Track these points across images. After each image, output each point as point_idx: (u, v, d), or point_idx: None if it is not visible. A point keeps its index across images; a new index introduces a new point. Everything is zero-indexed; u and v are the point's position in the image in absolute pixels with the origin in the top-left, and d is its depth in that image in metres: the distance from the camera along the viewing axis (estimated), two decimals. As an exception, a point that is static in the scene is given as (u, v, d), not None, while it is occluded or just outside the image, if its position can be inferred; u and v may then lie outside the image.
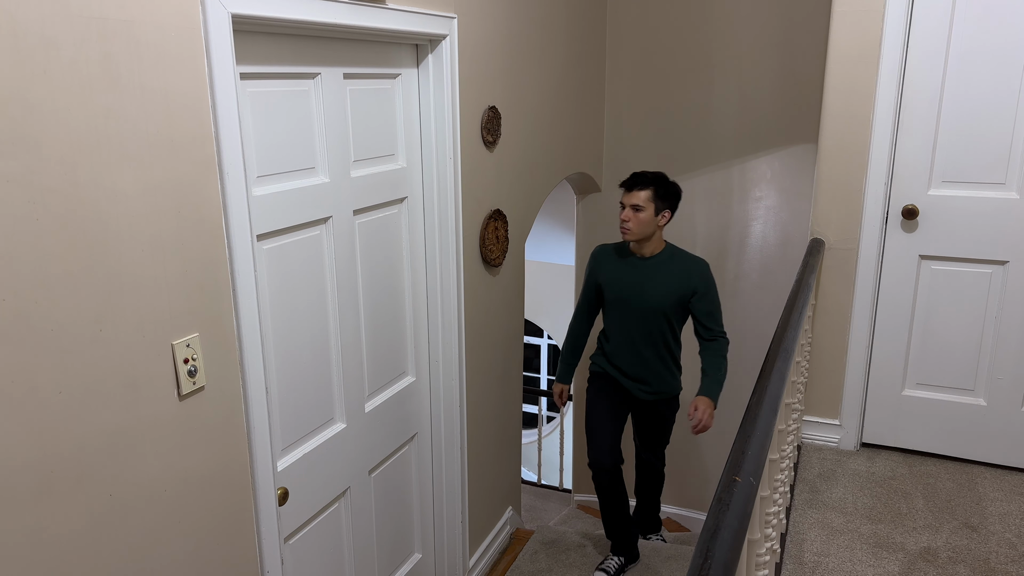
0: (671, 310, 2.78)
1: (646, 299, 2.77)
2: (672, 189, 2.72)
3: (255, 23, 1.72)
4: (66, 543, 1.38)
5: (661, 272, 2.77)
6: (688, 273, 2.75)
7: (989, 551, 2.41)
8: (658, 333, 2.83)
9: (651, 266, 2.78)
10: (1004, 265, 2.76)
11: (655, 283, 2.76)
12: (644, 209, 2.67)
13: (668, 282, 2.76)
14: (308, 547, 2.18)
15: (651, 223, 2.70)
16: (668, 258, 2.79)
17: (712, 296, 2.79)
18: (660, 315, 2.78)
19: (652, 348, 2.85)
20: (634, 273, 2.80)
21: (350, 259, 2.23)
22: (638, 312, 2.79)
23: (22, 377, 1.28)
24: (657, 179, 2.70)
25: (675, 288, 2.75)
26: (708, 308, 2.79)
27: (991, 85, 2.64)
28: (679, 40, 3.86)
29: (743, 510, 1.21)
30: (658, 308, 2.76)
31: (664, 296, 2.76)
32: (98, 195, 1.37)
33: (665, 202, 2.71)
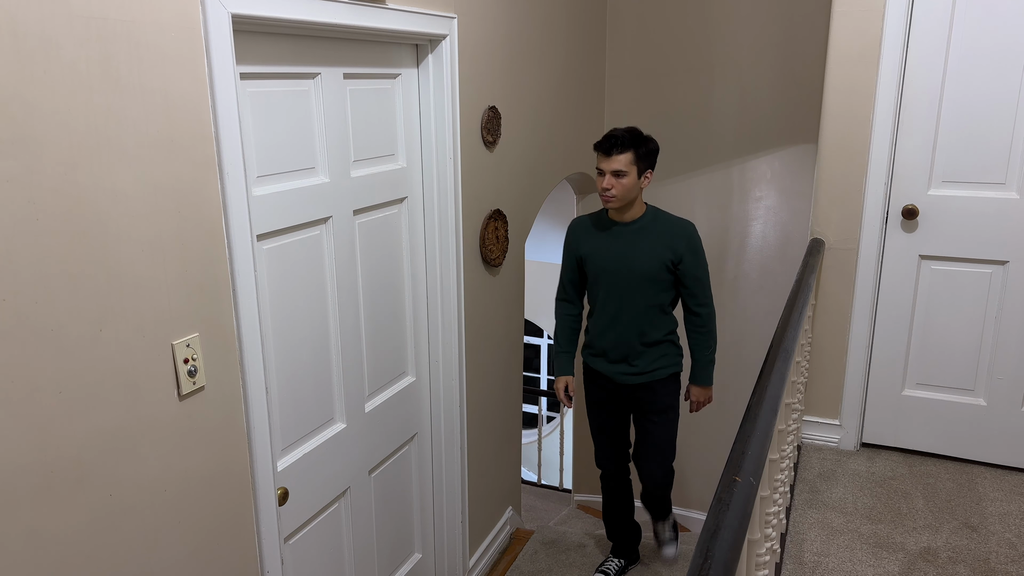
0: (658, 277, 2.59)
1: (632, 267, 2.58)
2: (652, 146, 2.54)
3: (255, 23, 1.72)
4: (66, 543, 1.38)
5: (645, 236, 2.58)
6: (674, 235, 2.58)
7: (989, 551, 2.41)
8: (644, 306, 2.63)
9: (634, 231, 2.59)
10: (1004, 265, 2.76)
11: (639, 249, 2.57)
12: (627, 173, 2.47)
13: (654, 247, 2.57)
14: (308, 547, 2.18)
15: (635, 187, 2.51)
16: (651, 221, 2.60)
17: (700, 260, 2.61)
18: (647, 283, 2.59)
19: (639, 323, 2.65)
20: (617, 242, 2.60)
21: (350, 259, 2.23)
22: (624, 283, 2.60)
23: (22, 377, 1.28)
24: (635, 138, 2.49)
25: (661, 252, 2.57)
26: (695, 272, 2.61)
27: (991, 85, 2.64)
28: (679, 40, 3.86)
29: (743, 510, 1.21)
30: (644, 275, 2.57)
31: (650, 261, 2.57)
32: (98, 195, 1.37)
33: (646, 161, 2.53)
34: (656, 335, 2.67)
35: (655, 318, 2.65)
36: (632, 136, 2.48)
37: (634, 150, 2.47)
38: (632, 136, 2.48)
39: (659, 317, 2.66)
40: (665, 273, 2.58)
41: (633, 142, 2.48)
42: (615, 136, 2.47)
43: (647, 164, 2.53)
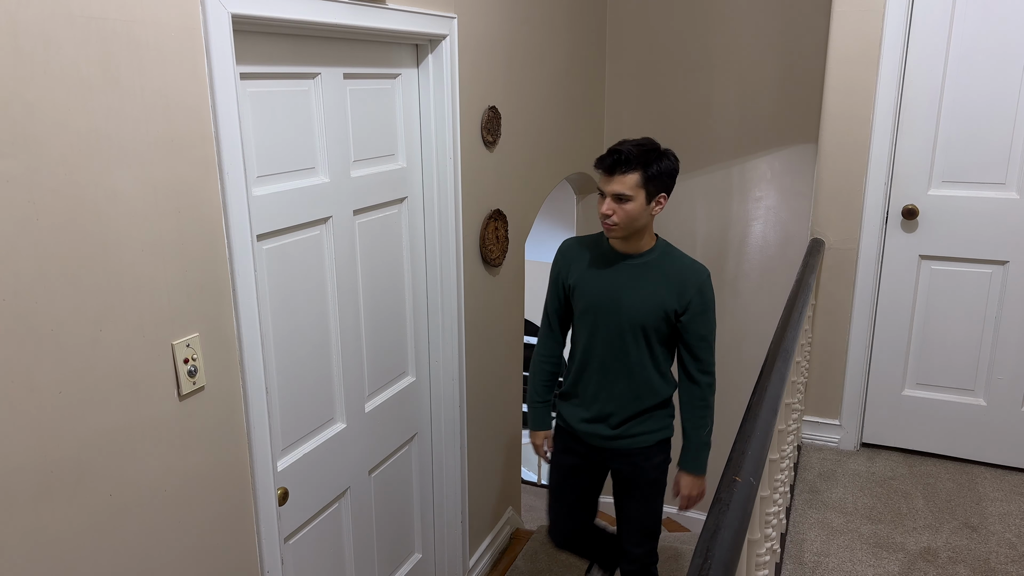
0: (655, 328, 2.10)
1: (624, 309, 2.09)
2: (666, 165, 2.00)
3: (255, 23, 1.72)
4: (66, 543, 1.38)
5: (648, 275, 2.09)
6: (684, 280, 2.08)
7: (989, 551, 2.41)
8: (638, 361, 2.13)
9: (636, 267, 2.10)
10: (1004, 265, 2.76)
11: (639, 289, 2.09)
12: (632, 198, 1.98)
13: (657, 290, 2.08)
14: (308, 547, 2.18)
15: (642, 214, 2.01)
16: (660, 257, 2.11)
17: (710, 316, 2.12)
18: (639, 333, 2.10)
19: (631, 382, 2.16)
20: (613, 276, 2.12)
21: (350, 259, 2.23)
22: (614, 327, 2.12)
23: (22, 377, 1.28)
24: (646, 155, 1.97)
25: (664, 298, 2.08)
26: (702, 332, 2.11)
27: (991, 85, 2.64)
28: (679, 40, 3.86)
29: (743, 510, 1.21)
30: (638, 323, 2.09)
31: (648, 306, 2.08)
32: (98, 195, 1.37)
33: (659, 184, 2.00)
34: (650, 400, 2.18)
35: (652, 379, 2.16)
36: (642, 152, 1.97)
37: (643, 170, 1.97)
38: (642, 152, 1.97)
39: (656, 379, 2.17)
40: (663, 324, 2.10)
41: (642, 160, 1.97)
42: (619, 152, 1.97)
43: (660, 187, 2.01)
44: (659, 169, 1.99)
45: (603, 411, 2.20)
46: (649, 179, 1.98)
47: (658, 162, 1.99)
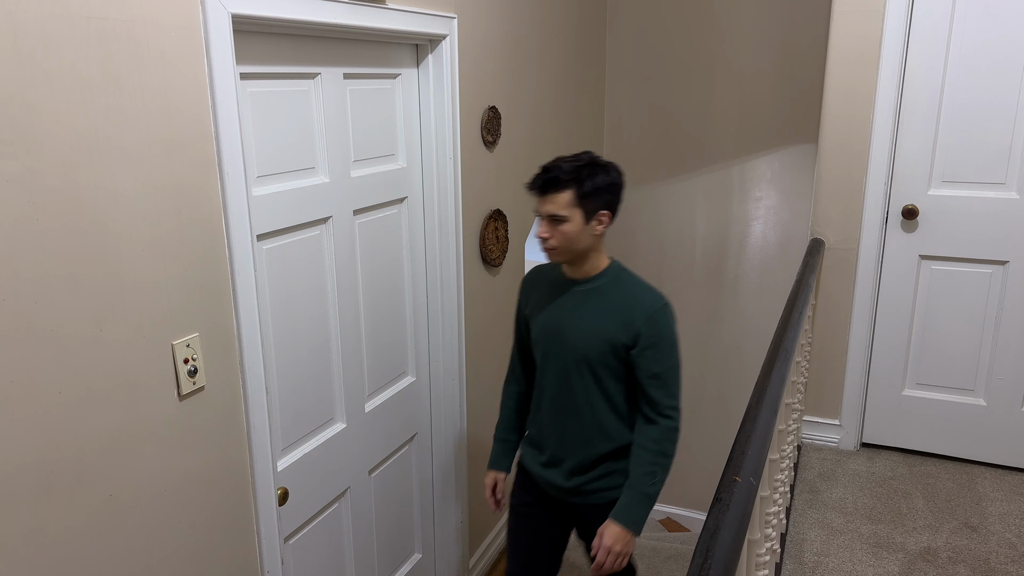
0: (602, 362, 1.89)
1: (566, 341, 1.91)
2: (603, 179, 1.82)
3: (255, 23, 1.72)
4: (66, 543, 1.38)
5: (595, 303, 1.90)
6: (631, 310, 1.86)
7: (989, 551, 2.41)
8: (584, 397, 1.93)
9: (582, 294, 1.92)
10: (1004, 265, 2.76)
11: (583, 318, 1.90)
12: (568, 218, 1.81)
13: (602, 319, 1.88)
14: (308, 547, 2.18)
15: (582, 235, 1.83)
16: (610, 284, 1.91)
17: (663, 351, 1.86)
18: (585, 368, 1.90)
19: (575, 419, 1.95)
20: (560, 304, 1.95)
21: (350, 259, 2.23)
22: (560, 361, 1.93)
23: (22, 377, 1.28)
24: (579, 171, 1.81)
25: (610, 329, 1.87)
26: (655, 368, 1.86)
27: (991, 85, 2.64)
28: (679, 40, 3.86)
29: (743, 510, 1.21)
30: (582, 356, 1.89)
31: (592, 339, 1.88)
32: (98, 195, 1.37)
33: (598, 200, 1.82)
34: (603, 445, 1.95)
35: (604, 421, 1.94)
36: (574, 168, 1.81)
37: (576, 187, 1.80)
38: (574, 168, 1.81)
39: (611, 422, 1.94)
40: (611, 358, 1.89)
41: (575, 176, 1.80)
42: (549, 170, 1.82)
43: (599, 204, 1.83)
44: (595, 185, 1.81)
45: (555, 455, 2.01)
46: (584, 196, 1.81)
47: (592, 177, 1.81)
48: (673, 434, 1.90)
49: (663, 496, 4.45)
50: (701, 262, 4.09)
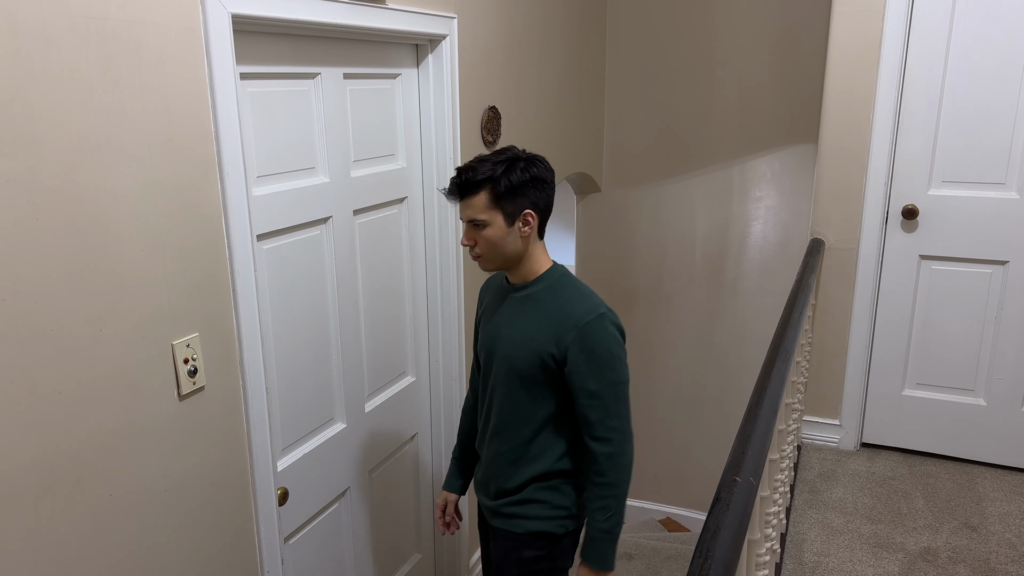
0: (531, 375, 1.70)
1: (498, 350, 1.76)
2: (519, 177, 1.63)
3: (255, 23, 1.72)
4: (66, 543, 1.38)
5: (528, 311, 1.72)
6: (562, 322, 1.66)
7: (989, 551, 2.41)
8: (510, 412, 1.75)
9: (517, 301, 1.75)
10: (1004, 265, 2.76)
11: (516, 326, 1.73)
12: (488, 222, 1.64)
13: (532, 329, 1.70)
14: (308, 547, 2.18)
15: (507, 239, 1.66)
16: (545, 290, 1.72)
17: (599, 367, 1.64)
18: (514, 380, 1.72)
19: (501, 437, 1.78)
20: (498, 311, 1.80)
21: (350, 259, 2.23)
22: (493, 372, 1.78)
23: (22, 377, 1.28)
24: (494, 168, 1.63)
25: (540, 340, 1.68)
26: (590, 386, 1.65)
27: (991, 85, 2.64)
28: (679, 40, 3.86)
29: (743, 510, 1.21)
30: (511, 367, 1.72)
31: (521, 349, 1.70)
32: (98, 195, 1.37)
33: (519, 199, 1.64)
34: (529, 468, 1.76)
35: (533, 440, 1.75)
36: (488, 167, 1.63)
37: (490, 187, 1.63)
38: (488, 167, 1.63)
39: (540, 443, 1.75)
40: (541, 372, 1.69)
41: (488, 176, 1.62)
42: (461, 171, 1.65)
43: (521, 204, 1.64)
44: (511, 182, 1.62)
45: (484, 474, 1.85)
46: (501, 196, 1.62)
47: (508, 175, 1.62)
48: (614, 460, 1.67)
49: (663, 496, 4.45)
50: (701, 262, 4.09)
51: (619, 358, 1.67)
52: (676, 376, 4.26)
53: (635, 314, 4.27)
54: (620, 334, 1.69)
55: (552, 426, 1.74)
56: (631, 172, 4.10)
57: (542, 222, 1.71)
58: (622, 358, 1.68)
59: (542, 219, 1.71)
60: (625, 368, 1.68)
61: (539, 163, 1.68)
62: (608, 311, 1.68)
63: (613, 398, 1.66)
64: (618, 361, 1.66)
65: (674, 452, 4.35)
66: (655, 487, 4.45)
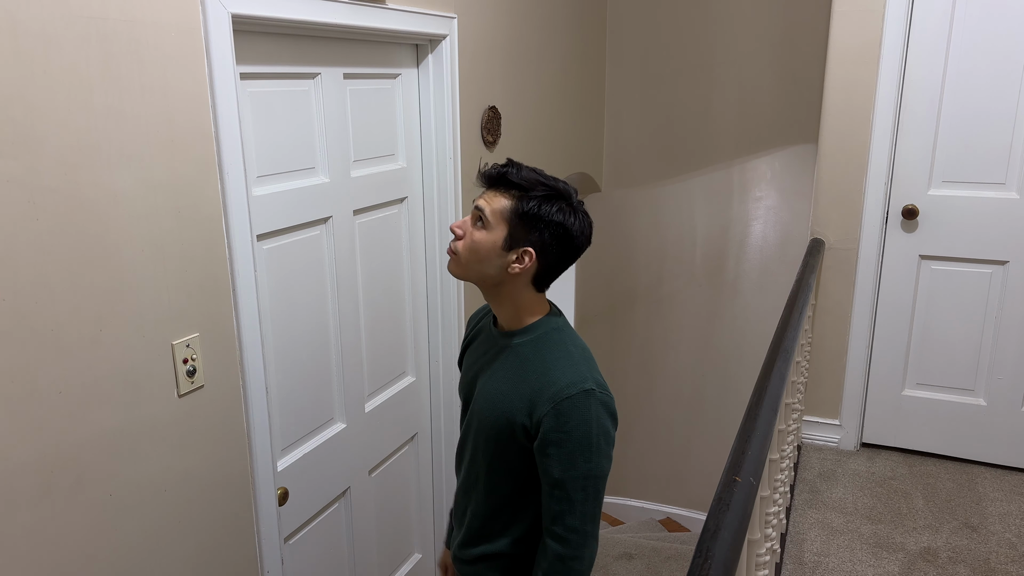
0: (499, 440, 1.41)
1: (475, 400, 1.49)
2: (548, 211, 1.35)
3: (255, 23, 1.72)
4: (66, 543, 1.38)
5: (508, 364, 1.43)
6: (541, 389, 1.35)
7: (989, 551, 2.41)
8: (475, 474, 1.50)
9: (501, 348, 1.46)
10: (1004, 265, 2.76)
11: (491, 377, 1.45)
12: (489, 227, 1.37)
13: (505, 384, 1.41)
14: (308, 547, 2.18)
15: (491, 257, 1.37)
16: (531, 344, 1.42)
17: (572, 453, 1.32)
18: (482, 440, 1.45)
19: (468, 495, 1.53)
20: (484, 353, 1.51)
21: (350, 259, 2.23)
22: (471, 423, 1.50)
23: (22, 377, 1.28)
24: (534, 186, 1.36)
25: (510, 401, 1.39)
26: (556, 473, 1.33)
27: (991, 85, 2.64)
28: (679, 40, 3.86)
29: (743, 510, 1.21)
30: (482, 425, 1.44)
31: (492, 406, 1.42)
32: (98, 195, 1.37)
33: (531, 230, 1.35)
34: (480, 543, 1.51)
35: (486, 512, 1.49)
36: (531, 180, 1.36)
37: (518, 198, 1.36)
38: (531, 180, 1.36)
39: (494, 516, 1.48)
40: (510, 441, 1.40)
41: (525, 188, 1.36)
42: (509, 163, 1.39)
43: (529, 237, 1.36)
44: (537, 210, 1.34)
45: (458, 539, 1.57)
46: (520, 215, 1.34)
47: (543, 203, 1.35)
48: (565, 564, 1.35)
49: (663, 496, 4.45)
50: (701, 262, 4.09)
51: (598, 447, 1.33)
52: (676, 376, 4.26)
53: (635, 314, 4.27)
54: (611, 418, 1.36)
55: (506, 504, 1.46)
56: (631, 172, 4.10)
57: (542, 274, 1.40)
58: (603, 447, 1.34)
59: (542, 271, 1.39)
60: (606, 460, 1.35)
61: (579, 216, 1.38)
62: (599, 388, 1.35)
63: (581, 493, 1.33)
64: (596, 451, 1.33)
65: (674, 452, 4.35)
66: (655, 487, 4.45)
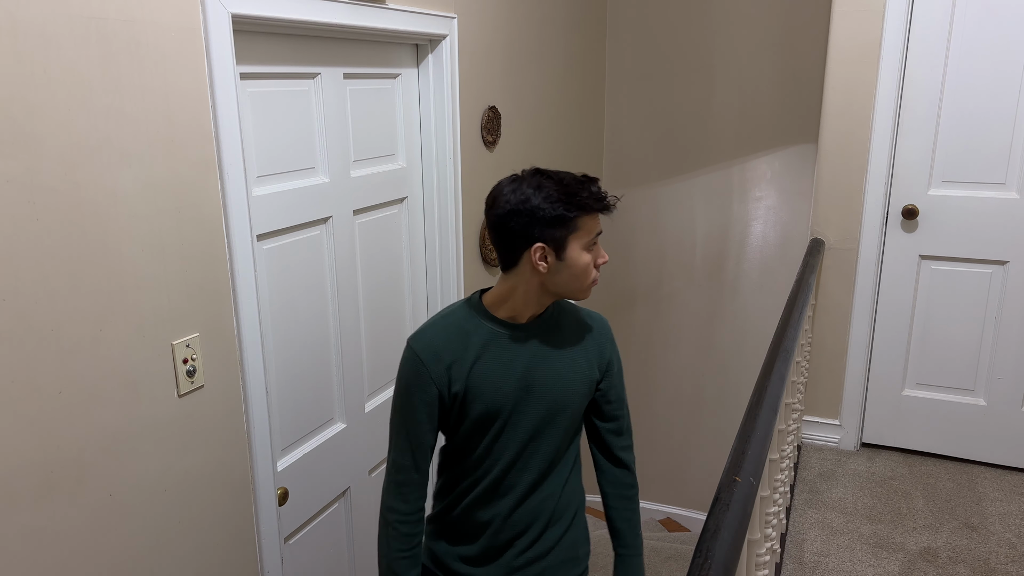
0: (578, 410, 1.57)
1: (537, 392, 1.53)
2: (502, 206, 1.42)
3: (255, 23, 1.72)
4: (66, 543, 1.38)
5: (553, 341, 1.54)
6: (597, 335, 1.59)
7: (989, 551, 2.41)
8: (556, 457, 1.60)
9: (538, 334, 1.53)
10: (1004, 265, 2.76)
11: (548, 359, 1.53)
12: None
13: (567, 357, 1.54)
14: (308, 547, 2.18)
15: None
16: (557, 312, 1.56)
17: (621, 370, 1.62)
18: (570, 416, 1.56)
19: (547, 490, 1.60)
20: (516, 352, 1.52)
21: (350, 259, 2.23)
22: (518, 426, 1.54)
23: (22, 377, 1.28)
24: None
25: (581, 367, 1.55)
26: (621, 392, 1.62)
27: (991, 85, 2.64)
28: (679, 40, 3.86)
29: (743, 510, 1.21)
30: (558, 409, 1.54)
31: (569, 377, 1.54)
32: (98, 195, 1.37)
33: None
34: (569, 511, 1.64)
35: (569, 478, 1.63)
36: None
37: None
38: None
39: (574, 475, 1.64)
40: (584, 401, 1.57)
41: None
42: (598, 184, 1.50)
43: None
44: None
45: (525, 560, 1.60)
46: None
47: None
48: (634, 465, 1.62)
49: (663, 496, 4.45)
50: (701, 262, 4.09)
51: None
52: (676, 376, 4.26)
53: (635, 314, 4.27)
54: None
55: (575, 457, 1.59)
56: (631, 172, 4.10)
57: None
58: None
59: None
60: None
61: (527, 189, 1.45)
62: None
63: (626, 396, 1.62)
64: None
65: (674, 452, 4.35)
66: (655, 487, 4.45)
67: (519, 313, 1.48)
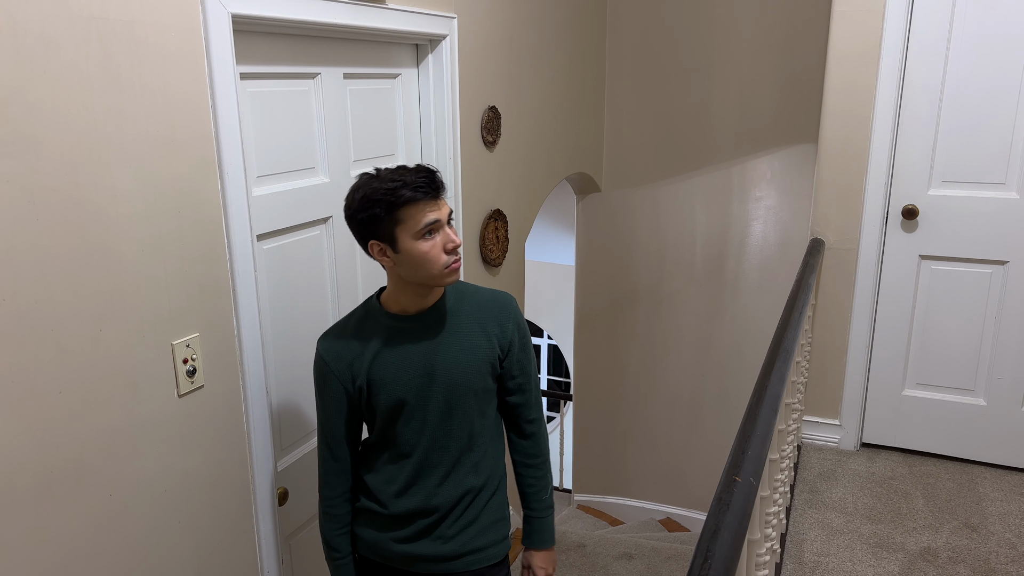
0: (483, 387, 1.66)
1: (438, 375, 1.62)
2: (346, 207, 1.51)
3: (255, 23, 1.72)
4: (66, 543, 1.38)
5: (449, 325, 1.63)
6: (497, 313, 1.67)
7: (989, 551, 2.41)
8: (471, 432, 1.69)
9: (434, 322, 1.63)
10: (1004, 265, 2.76)
11: (444, 342, 1.62)
12: None
13: (466, 339, 1.63)
14: (308, 547, 2.18)
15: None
16: (454, 296, 1.66)
17: (528, 343, 1.70)
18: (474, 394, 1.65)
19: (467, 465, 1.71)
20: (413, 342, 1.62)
21: (350, 259, 2.23)
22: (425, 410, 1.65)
23: (22, 377, 1.28)
24: None
25: (481, 346, 1.63)
26: (527, 367, 1.70)
27: (991, 85, 2.64)
28: (679, 40, 3.86)
29: (743, 510, 1.21)
30: (462, 382, 1.63)
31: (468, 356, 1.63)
32: (98, 195, 1.37)
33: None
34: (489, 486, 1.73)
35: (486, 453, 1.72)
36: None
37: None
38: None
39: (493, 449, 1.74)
40: (490, 379, 1.66)
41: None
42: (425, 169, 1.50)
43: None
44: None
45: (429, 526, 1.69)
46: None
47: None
48: (544, 434, 1.74)
49: (663, 496, 4.45)
50: (701, 262, 4.09)
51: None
52: (676, 376, 4.26)
53: (635, 314, 4.27)
54: None
55: (493, 431, 1.69)
56: (631, 172, 4.11)
57: None
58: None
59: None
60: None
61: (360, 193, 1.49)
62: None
63: (534, 371, 1.71)
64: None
65: (674, 452, 4.35)
66: (655, 487, 4.46)
67: (406, 306, 1.59)
